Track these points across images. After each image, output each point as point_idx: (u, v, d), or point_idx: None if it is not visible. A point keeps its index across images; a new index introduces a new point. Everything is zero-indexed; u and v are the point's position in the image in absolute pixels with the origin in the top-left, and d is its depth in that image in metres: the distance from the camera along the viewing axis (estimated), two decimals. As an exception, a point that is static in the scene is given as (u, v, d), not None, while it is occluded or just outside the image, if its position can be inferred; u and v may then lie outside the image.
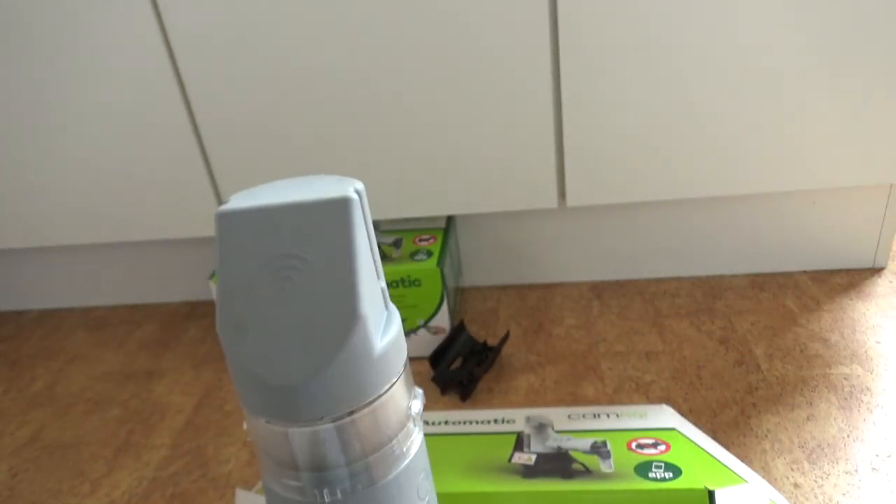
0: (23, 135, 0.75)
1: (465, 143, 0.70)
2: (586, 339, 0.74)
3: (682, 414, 0.62)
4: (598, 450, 0.43)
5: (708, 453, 0.43)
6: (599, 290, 0.82)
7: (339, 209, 0.23)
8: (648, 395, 0.65)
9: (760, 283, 0.79)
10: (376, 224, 0.81)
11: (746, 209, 0.78)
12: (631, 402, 0.64)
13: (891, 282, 0.76)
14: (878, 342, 0.68)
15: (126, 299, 0.94)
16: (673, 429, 0.45)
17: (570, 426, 0.47)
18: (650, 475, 0.40)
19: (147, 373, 0.79)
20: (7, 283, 0.96)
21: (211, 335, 0.84)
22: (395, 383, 0.26)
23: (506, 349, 0.74)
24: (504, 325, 0.78)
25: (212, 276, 0.74)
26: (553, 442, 0.45)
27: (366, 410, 0.25)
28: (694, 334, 0.72)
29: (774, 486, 0.54)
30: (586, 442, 0.44)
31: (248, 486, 0.61)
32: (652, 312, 0.77)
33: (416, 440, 0.27)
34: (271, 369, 0.24)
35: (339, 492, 0.25)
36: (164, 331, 0.87)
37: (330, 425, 0.25)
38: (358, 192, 0.24)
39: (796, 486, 0.54)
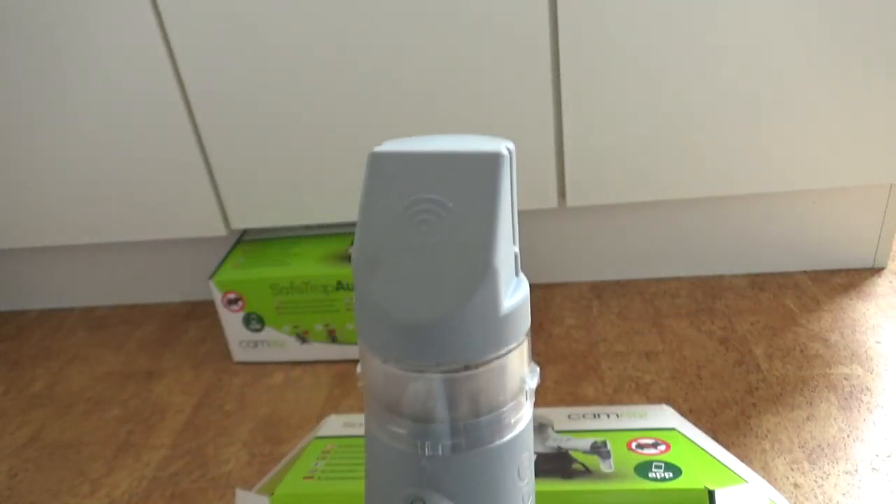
0: (22, 135, 0.75)
1: (465, 143, 0.70)
2: (586, 338, 0.74)
3: (682, 414, 0.62)
4: (598, 450, 0.43)
5: (708, 453, 0.43)
6: (599, 289, 0.82)
7: (488, 163, 0.24)
8: (648, 395, 0.65)
9: (760, 283, 0.79)
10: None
11: (746, 209, 0.78)
12: (631, 402, 0.64)
13: (891, 282, 0.76)
14: (878, 342, 0.68)
15: (126, 299, 0.94)
16: (673, 429, 0.45)
17: (570, 426, 0.47)
18: (650, 475, 0.40)
19: (147, 373, 0.79)
20: (7, 284, 0.96)
21: (211, 335, 0.84)
22: (515, 348, 0.25)
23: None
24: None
25: (212, 276, 0.74)
26: (553, 442, 0.45)
27: (483, 368, 0.25)
28: (694, 334, 0.72)
29: (774, 486, 0.54)
30: (586, 442, 0.44)
31: (248, 486, 0.61)
32: (652, 312, 0.77)
33: (525, 416, 0.27)
34: (398, 307, 0.24)
35: (440, 447, 0.25)
36: (164, 331, 0.87)
37: (446, 375, 0.24)
38: (509, 151, 0.24)
39: (796, 486, 0.54)
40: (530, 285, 0.85)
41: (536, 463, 0.42)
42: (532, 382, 0.27)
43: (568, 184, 0.71)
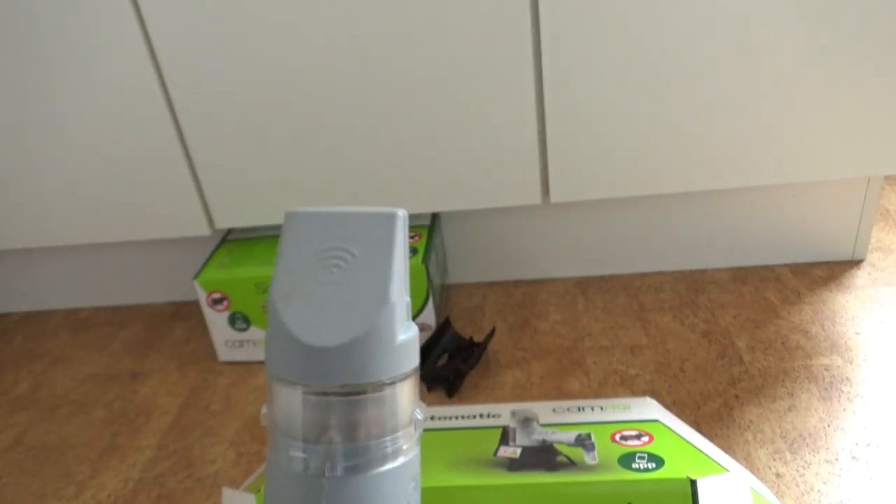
0: (2, 135, 0.74)
1: (449, 140, 0.70)
2: (571, 334, 0.74)
3: (667, 406, 0.63)
4: (583, 442, 0.44)
5: (690, 444, 0.44)
6: (584, 285, 0.83)
7: (387, 220, 0.29)
8: (633, 388, 0.65)
9: (742, 276, 0.80)
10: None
11: (728, 204, 0.79)
12: (616, 395, 0.65)
13: (869, 274, 0.77)
14: (857, 333, 0.69)
15: (110, 300, 0.94)
16: (656, 420, 0.46)
17: (555, 419, 0.47)
18: (633, 466, 0.40)
19: (132, 374, 0.79)
20: (-12, 286, 0.95)
21: (196, 335, 0.84)
22: (408, 377, 0.29)
23: (492, 345, 0.74)
24: (490, 321, 0.79)
25: (196, 275, 0.73)
26: (538, 435, 0.45)
27: (376, 393, 0.28)
28: (677, 328, 0.73)
29: (757, 476, 0.54)
30: (571, 435, 0.45)
31: (235, 485, 0.61)
32: (636, 307, 0.77)
33: (413, 446, 0.30)
34: (308, 332, 0.28)
35: (339, 468, 0.28)
36: (149, 331, 0.86)
37: (346, 398, 0.28)
38: (403, 214, 0.29)
39: (778, 475, 0.54)
40: (516, 282, 0.85)
41: (522, 456, 0.43)
42: (420, 414, 0.30)
43: (552, 180, 0.71)
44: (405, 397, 0.29)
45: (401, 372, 0.29)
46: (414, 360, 0.30)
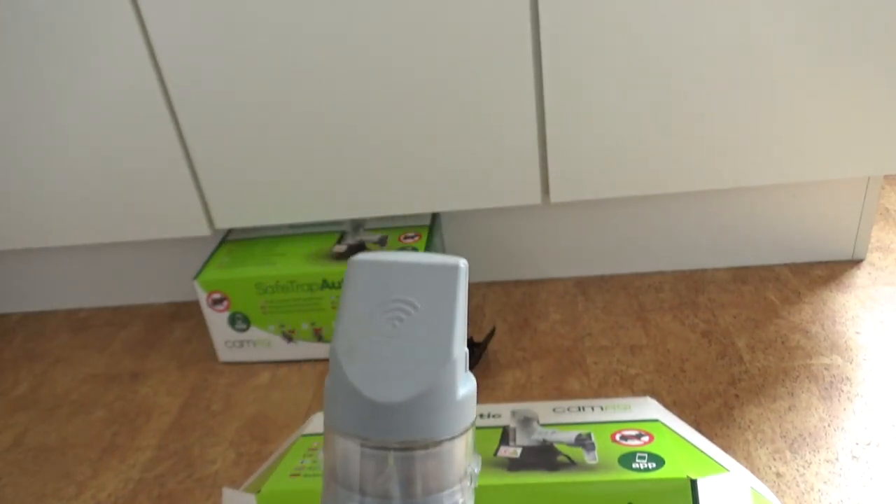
0: (3, 137, 0.74)
1: (449, 140, 0.70)
2: (571, 333, 0.74)
3: (667, 406, 0.63)
4: (583, 442, 0.44)
5: (690, 444, 0.44)
6: (584, 285, 0.83)
7: (450, 272, 0.29)
8: (633, 388, 0.65)
9: (742, 276, 0.80)
10: (361, 222, 0.81)
11: (728, 203, 0.79)
12: (616, 395, 0.65)
13: (869, 273, 0.77)
14: (857, 333, 0.69)
15: (110, 301, 0.94)
16: (656, 420, 0.46)
17: (556, 419, 0.47)
18: (633, 465, 0.40)
19: (132, 374, 0.79)
20: (-12, 287, 0.95)
21: (196, 335, 0.84)
22: (465, 432, 0.29)
23: (492, 345, 0.74)
24: (490, 321, 0.79)
25: (196, 276, 0.73)
26: (538, 435, 0.45)
27: (435, 449, 0.28)
28: (677, 328, 0.73)
29: (757, 476, 0.54)
30: (571, 434, 0.45)
31: (235, 485, 0.61)
32: (636, 307, 0.77)
33: (469, 499, 0.30)
34: (371, 387, 0.28)
35: None
36: (149, 332, 0.86)
37: (405, 454, 0.28)
38: (465, 265, 0.30)
39: (778, 475, 0.54)
40: (516, 282, 0.85)
41: (522, 456, 0.43)
42: (476, 468, 0.30)
43: (552, 180, 0.71)
44: (462, 451, 0.29)
45: (460, 428, 0.29)
46: (472, 414, 0.30)
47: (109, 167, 0.75)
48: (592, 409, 0.48)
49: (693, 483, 0.38)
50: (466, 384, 0.29)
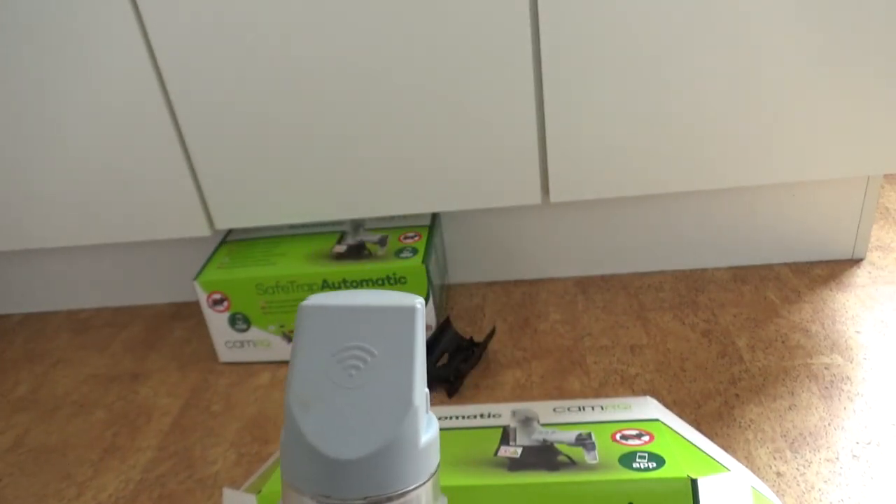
0: (3, 138, 0.74)
1: (449, 140, 0.70)
2: (571, 333, 0.74)
3: (667, 406, 0.63)
4: (583, 442, 0.44)
5: (691, 443, 0.44)
6: (584, 285, 0.83)
7: (406, 314, 0.28)
8: (633, 387, 0.65)
9: (742, 275, 0.80)
10: (361, 222, 0.81)
11: (728, 203, 0.79)
12: (616, 395, 0.65)
13: (869, 272, 0.77)
14: (857, 332, 0.69)
15: (110, 301, 0.94)
16: (656, 420, 0.46)
17: (556, 419, 0.47)
18: (634, 465, 0.40)
19: (132, 375, 0.79)
20: (-11, 288, 0.95)
21: (196, 336, 0.84)
22: (429, 479, 0.28)
23: (492, 345, 0.74)
24: (490, 321, 0.79)
25: (196, 276, 0.73)
26: (538, 435, 0.45)
27: (400, 500, 0.27)
28: (678, 327, 0.73)
29: (757, 475, 0.54)
30: (571, 434, 0.45)
31: (236, 485, 0.61)
32: (636, 306, 0.77)
33: None
34: (329, 444, 0.26)
35: None
36: (150, 332, 0.86)
37: None
38: (421, 305, 0.28)
39: (779, 474, 0.54)
40: (516, 282, 0.85)
41: (522, 456, 0.43)
42: None
43: (551, 180, 0.71)
44: (427, 497, 0.28)
45: (424, 475, 0.28)
46: (436, 458, 0.29)
47: (109, 168, 0.75)
48: (593, 408, 0.48)
49: (693, 482, 0.38)
50: (429, 429, 0.28)
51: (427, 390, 0.28)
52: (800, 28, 0.62)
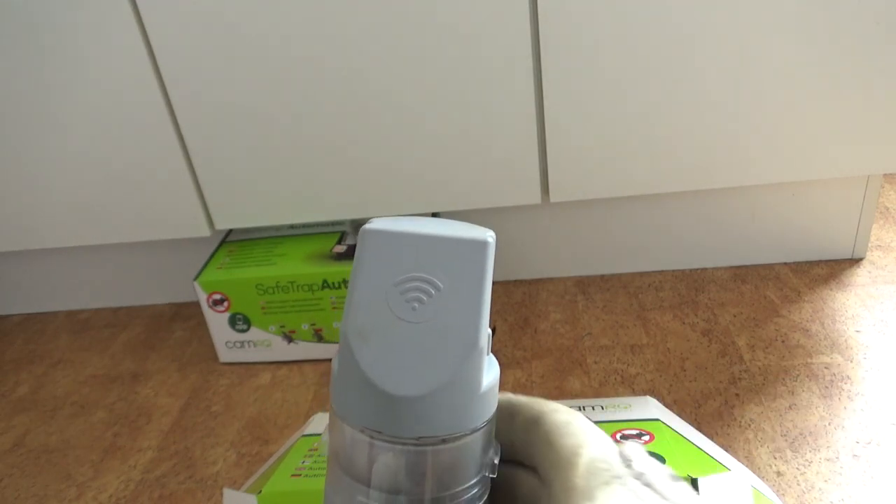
0: (3, 138, 0.74)
1: (449, 140, 0.70)
2: (572, 333, 0.74)
3: (667, 405, 0.63)
4: (584, 441, 0.43)
5: (691, 443, 0.44)
6: (584, 284, 0.83)
7: (476, 249, 0.26)
8: (633, 387, 0.65)
9: (742, 275, 0.80)
10: (361, 222, 0.81)
11: (728, 203, 0.79)
12: (616, 394, 0.65)
13: (869, 272, 0.77)
14: (857, 331, 0.69)
15: (110, 302, 0.94)
16: (656, 419, 0.46)
17: (556, 419, 0.47)
18: (634, 465, 0.40)
19: (132, 375, 0.79)
20: (-11, 288, 0.95)
21: (196, 336, 0.84)
22: (486, 425, 0.27)
23: (492, 344, 0.74)
24: (490, 320, 0.78)
25: (197, 276, 0.73)
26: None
27: (455, 443, 0.26)
28: (678, 327, 0.73)
29: (757, 475, 0.54)
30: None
31: (236, 486, 0.61)
32: (636, 306, 0.77)
33: (486, 492, 0.28)
34: (386, 379, 0.25)
35: None
36: (150, 333, 0.86)
37: (421, 448, 0.25)
38: (493, 239, 0.26)
39: (779, 473, 0.54)
40: (516, 281, 0.85)
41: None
42: (496, 457, 0.28)
43: (551, 180, 0.71)
44: (482, 444, 0.27)
45: (482, 420, 0.26)
46: (494, 404, 0.27)
47: (109, 169, 0.75)
48: (593, 408, 0.48)
49: (694, 482, 0.38)
50: (490, 372, 0.26)
51: (490, 331, 0.26)
52: (800, 28, 0.62)
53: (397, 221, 0.27)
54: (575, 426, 0.27)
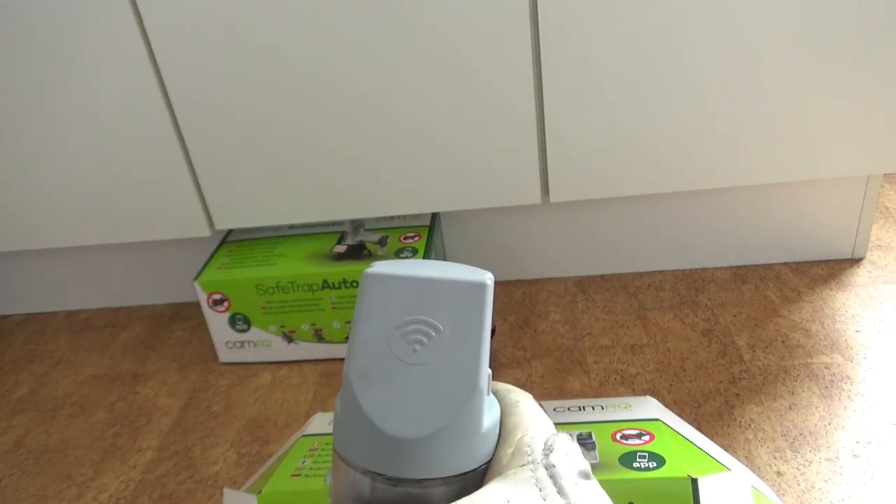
0: (3, 139, 0.74)
1: (449, 140, 0.70)
2: (571, 333, 0.74)
3: (667, 405, 0.63)
4: (584, 441, 0.44)
5: (691, 443, 0.44)
6: (584, 284, 0.83)
7: (475, 291, 0.26)
8: (633, 387, 0.65)
9: (742, 275, 0.80)
10: (361, 222, 0.81)
11: (728, 202, 0.79)
12: (616, 394, 0.65)
13: (869, 272, 0.77)
14: (857, 331, 0.69)
15: (110, 302, 0.94)
16: (656, 419, 0.46)
17: (556, 419, 0.47)
18: (634, 465, 0.40)
19: (133, 375, 0.79)
20: (-11, 288, 0.95)
21: (196, 336, 0.84)
22: (486, 465, 0.27)
23: (492, 345, 0.74)
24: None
25: (196, 276, 0.73)
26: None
27: (456, 483, 0.26)
28: (678, 327, 0.73)
29: (757, 474, 0.54)
30: (571, 434, 0.45)
31: (236, 486, 0.61)
32: (636, 306, 0.77)
33: None
34: (389, 422, 0.25)
35: None
36: (150, 333, 0.86)
37: (423, 490, 0.25)
38: (491, 283, 0.27)
39: (779, 473, 0.54)
40: (516, 281, 0.85)
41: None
42: None
43: (551, 180, 0.71)
44: (482, 482, 0.27)
45: (482, 461, 0.26)
46: (494, 443, 0.27)
47: (109, 168, 0.75)
48: (593, 408, 0.48)
49: (694, 482, 0.38)
50: (491, 412, 0.27)
51: (489, 371, 0.27)
52: (800, 28, 0.62)
53: (399, 265, 0.28)
54: (522, 407, 0.28)
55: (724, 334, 0.71)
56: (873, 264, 0.79)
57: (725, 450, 0.57)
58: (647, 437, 0.43)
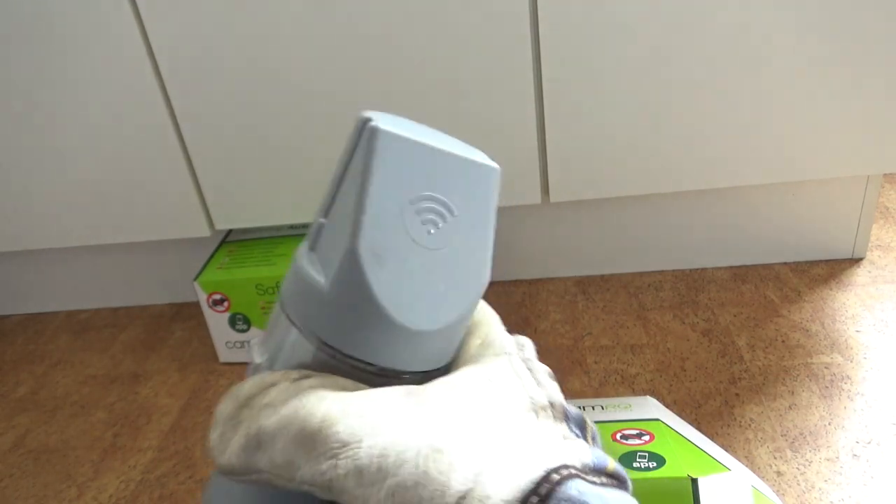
0: (3, 139, 0.74)
1: (449, 140, 0.70)
2: (572, 333, 0.74)
3: (667, 405, 0.63)
4: (584, 441, 0.44)
5: (691, 443, 0.44)
6: (584, 284, 0.83)
7: (488, 175, 0.25)
8: (633, 387, 0.65)
9: (742, 275, 0.80)
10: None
11: (728, 202, 0.79)
12: (616, 394, 0.65)
13: (869, 272, 0.77)
14: (857, 331, 0.69)
15: (110, 302, 0.94)
16: (656, 419, 0.46)
17: (556, 419, 0.47)
18: (634, 465, 0.40)
19: (133, 375, 0.79)
20: (-11, 288, 0.95)
21: (197, 336, 0.84)
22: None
23: (492, 345, 0.74)
24: (490, 321, 0.78)
25: (196, 276, 0.73)
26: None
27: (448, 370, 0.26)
28: (678, 327, 0.73)
29: (757, 474, 0.54)
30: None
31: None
32: (636, 306, 0.77)
33: None
34: (402, 310, 0.23)
35: None
36: (150, 333, 0.86)
37: (388, 379, 0.24)
38: (499, 172, 0.26)
39: (779, 473, 0.54)
40: (516, 281, 0.85)
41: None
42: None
43: (551, 180, 0.71)
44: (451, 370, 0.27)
45: (451, 358, 0.26)
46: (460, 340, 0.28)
47: (109, 169, 0.75)
48: (593, 408, 0.48)
49: (694, 482, 0.38)
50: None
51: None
52: (800, 28, 0.62)
53: (405, 125, 0.25)
54: (484, 311, 0.29)
55: (724, 334, 0.71)
56: (873, 264, 0.79)
57: (725, 450, 0.57)
58: (647, 437, 0.43)
